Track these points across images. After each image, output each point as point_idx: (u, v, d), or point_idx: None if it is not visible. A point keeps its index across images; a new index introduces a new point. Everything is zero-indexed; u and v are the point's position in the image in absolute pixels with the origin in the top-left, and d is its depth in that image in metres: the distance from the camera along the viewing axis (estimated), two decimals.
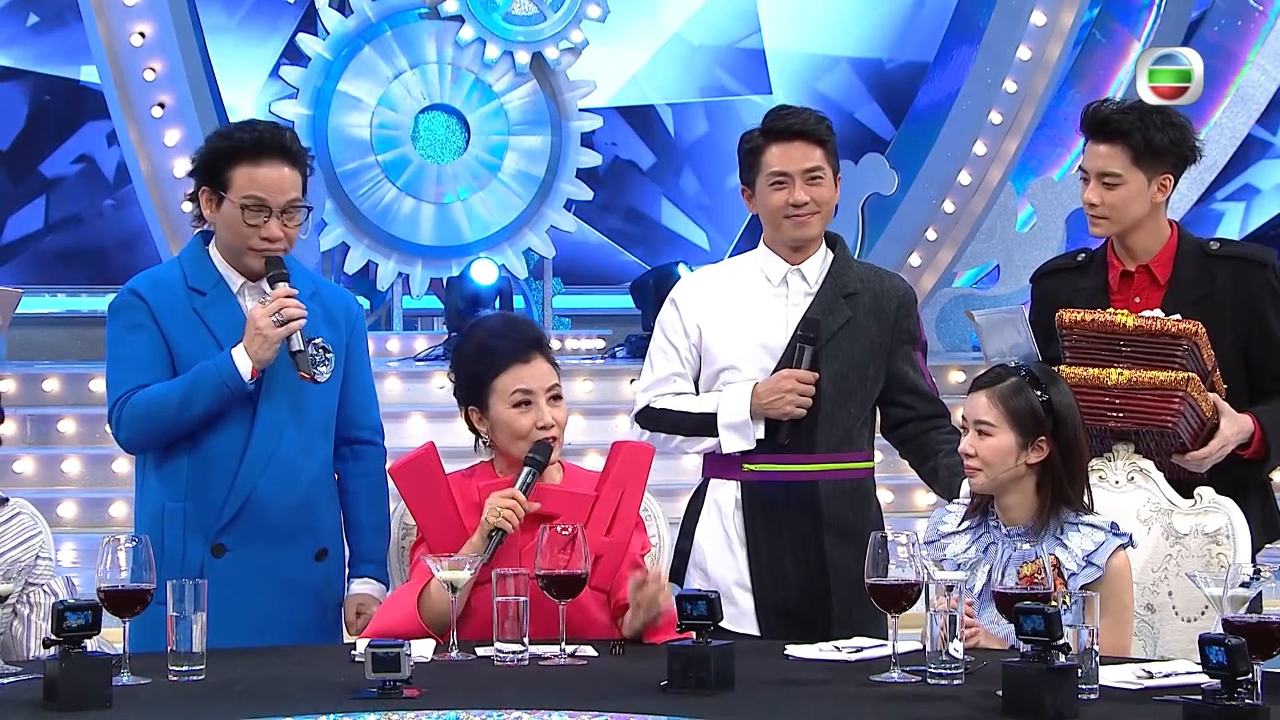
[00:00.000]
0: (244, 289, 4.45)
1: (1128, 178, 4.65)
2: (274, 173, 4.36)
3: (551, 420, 4.33)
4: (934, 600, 3.64)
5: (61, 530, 9.96)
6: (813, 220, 4.74)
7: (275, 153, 4.37)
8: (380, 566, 4.54)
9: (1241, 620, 3.38)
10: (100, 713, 3.44)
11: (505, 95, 13.35)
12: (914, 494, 10.61)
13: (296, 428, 4.42)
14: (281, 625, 4.35)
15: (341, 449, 4.56)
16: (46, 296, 14.99)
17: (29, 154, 15.62)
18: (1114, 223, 4.69)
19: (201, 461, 4.39)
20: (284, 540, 4.40)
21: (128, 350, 4.41)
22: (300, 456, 4.43)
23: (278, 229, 4.37)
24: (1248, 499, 4.60)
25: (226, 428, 4.37)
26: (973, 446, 4.19)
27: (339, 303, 4.56)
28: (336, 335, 4.48)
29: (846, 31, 16.24)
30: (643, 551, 4.40)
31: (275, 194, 4.36)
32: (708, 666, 3.60)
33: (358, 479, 4.56)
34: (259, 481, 4.38)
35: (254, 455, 4.37)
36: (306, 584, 4.45)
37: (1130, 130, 4.65)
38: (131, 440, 4.42)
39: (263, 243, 4.37)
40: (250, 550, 4.36)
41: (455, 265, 13.12)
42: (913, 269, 13.74)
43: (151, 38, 12.47)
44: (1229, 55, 15.64)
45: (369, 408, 4.60)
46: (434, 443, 4.39)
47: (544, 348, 4.42)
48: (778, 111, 4.80)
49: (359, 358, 4.59)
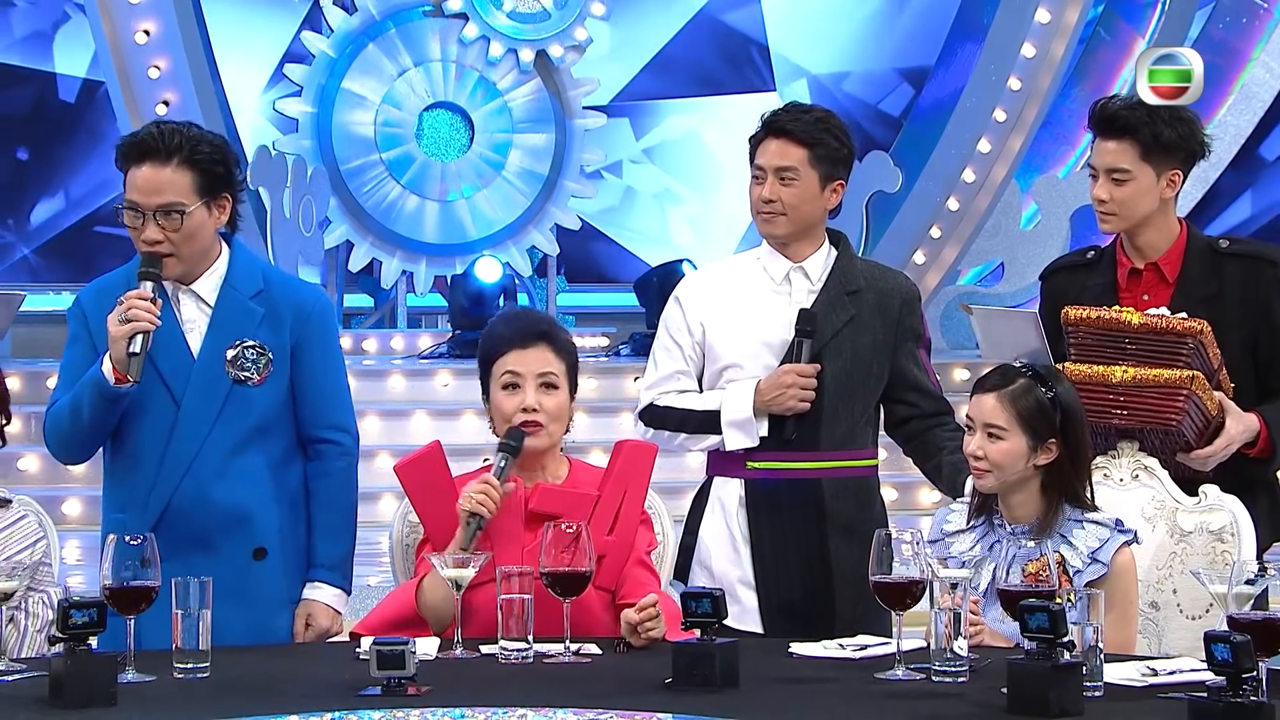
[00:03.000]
0: (178, 293, 4.39)
1: (1136, 173, 4.65)
2: (146, 175, 4.31)
3: (535, 404, 4.31)
4: (938, 598, 3.64)
5: (66, 528, 9.95)
6: (777, 220, 4.73)
7: (148, 155, 4.32)
8: (335, 570, 4.44)
9: (1246, 617, 3.38)
10: (105, 710, 3.44)
11: (509, 93, 13.36)
12: (918, 491, 10.61)
13: (223, 431, 4.34)
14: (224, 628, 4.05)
15: (308, 448, 4.49)
16: (50, 294, 14.99)
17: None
18: (1123, 219, 4.69)
19: (128, 472, 4.37)
20: (215, 545, 4.33)
21: (64, 362, 4.43)
22: (228, 458, 4.34)
23: (155, 232, 4.30)
24: (1254, 497, 4.59)
25: (148, 438, 4.34)
26: (982, 449, 4.17)
27: (288, 301, 4.45)
28: (278, 336, 4.41)
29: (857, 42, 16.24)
30: (649, 549, 4.39)
31: (147, 196, 4.30)
32: (712, 664, 3.60)
33: (314, 479, 4.47)
34: (180, 486, 4.32)
35: (172, 464, 4.32)
36: (243, 586, 4.31)
37: (1139, 126, 4.65)
38: (53, 450, 4.43)
39: (144, 246, 4.32)
40: (179, 559, 4.19)
41: (459, 263, 13.12)
42: (917, 266, 13.74)
43: (156, 36, 12.48)
44: (1233, 53, 15.63)
45: (329, 407, 4.49)
46: (440, 441, 4.38)
47: (551, 339, 4.39)
48: (782, 106, 4.81)
49: (317, 355, 4.46)
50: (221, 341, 4.37)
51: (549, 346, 4.37)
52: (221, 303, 4.40)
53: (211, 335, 4.38)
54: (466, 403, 11.45)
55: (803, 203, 4.71)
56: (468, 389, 11.77)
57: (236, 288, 4.41)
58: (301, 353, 4.45)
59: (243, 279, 4.42)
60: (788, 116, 4.74)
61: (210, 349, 4.37)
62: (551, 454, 4.39)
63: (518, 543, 4.23)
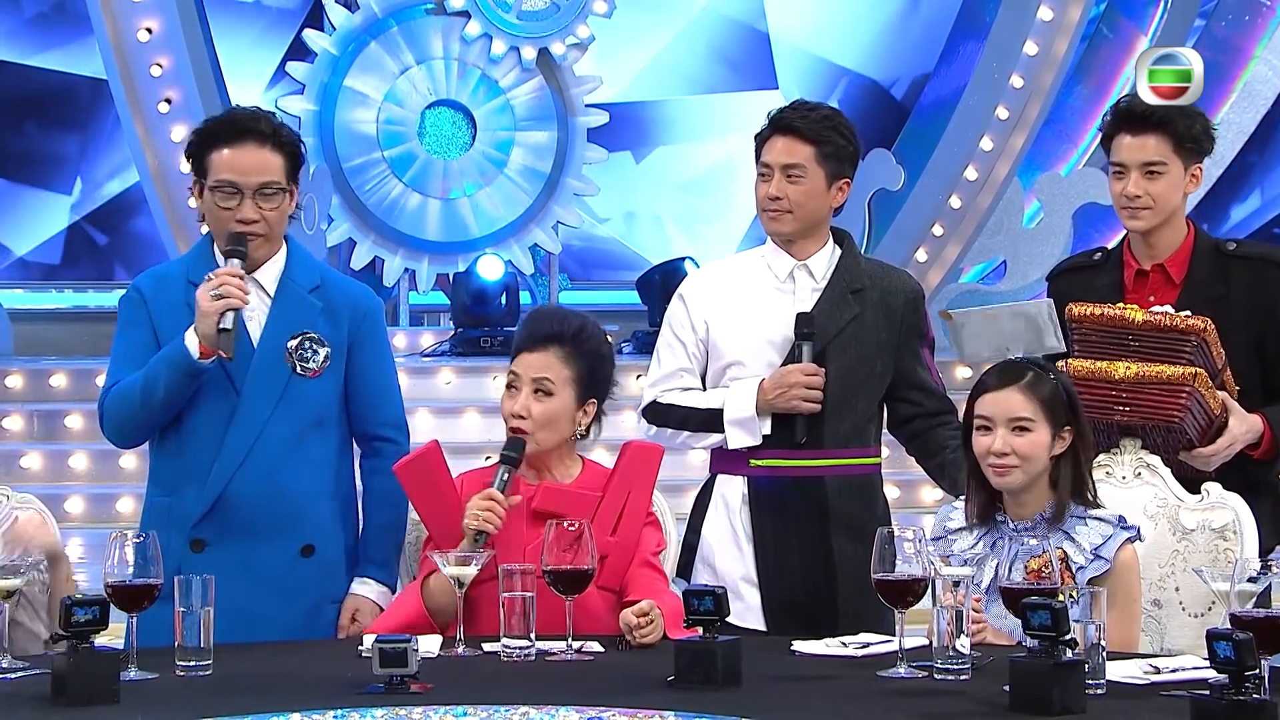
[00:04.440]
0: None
1: (1171, 166, 4.67)
2: (246, 155, 4.35)
3: (523, 410, 4.29)
4: (941, 596, 3.64)
5: (68, 525, 9.96)
6: (783, 218, 4.73)
7: (248, 135, 4.36)
8: (384, 568, 4.47)
9: (1249, 615, 3.39)
10: (108, 707, 3.44)
11: (511, 91, 13.36)
12: (921, 490, 10.61)
13: (282, 423, 4.38)
14: (264, 623, 4.26)
15: (363, 445, 4.53)
16: (54, 293, 15.01)
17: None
18: (1157, 213, 4.69)
19: (181, 456, 4.37)
20: (263, 536, 4.35)
21: (119, 348, 4.42)
22: (285, 451, 4.38)
23: (252, 211, 4.35)
24: (1258, 499, 4.58)
25: (205, 422, 4.35)
26: (1008, 445, 4.16)
27: (345, 298, 4.51)
28: (336, 331, 4.45)
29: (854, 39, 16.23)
30: (657, 550, 4.38)
31: (247, 175, 4.34)
32: (714, 662, 3.60)
33: (371, 476, 4.52)
34: (235, 475, 4.34)
35: (230, 449, 4.34)
36: (289, 581, 4.37)
37: (1174, 118, 4.69)
38: (111, 433, 4.42)
39: (239, 225, 4.36)
40: (228, 545, 4.31)
41: (461, 261, 13.12)
42: (919, 264, 13.74)
43: (158, 33, 12.49)
44: (1236, 51, 15.62)
45: (386, 404, 4.54)
46: (438, 440, 4.37)
47: (560, 341, 4.35)
48: (789, 104, 4.81)
49: (370, 353, 4.51)
50: (282, 331, 4.40)
51: (556, 350, 4.34)
52: (282, 293, 4.43)
53: (272, 324, 4.41)
54: (468, 401, 11.47)
55: (809, 200, 4.71)
56: (470, 387, 11.79)
57: (296, 280, 4.44)
58: (357, 351, 4.48)
59: (301, 272, 4.46)
60: (795, 114, 4.74)
61: (271, 338, 4.39)
62: (559, 454, 4.38)
63: (520, 541, 4.23)
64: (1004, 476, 4.18)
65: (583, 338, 4.38)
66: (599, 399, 4.37)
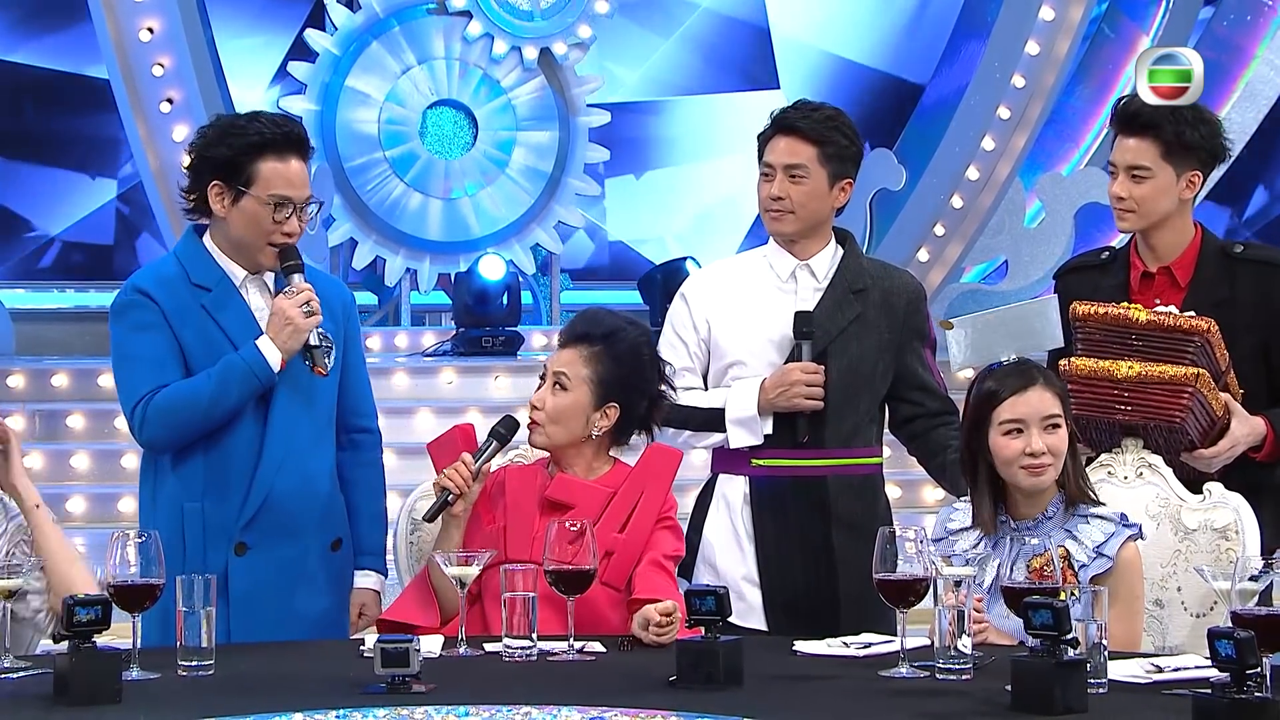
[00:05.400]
0: (246, 283, 4.45)
1: (1157, 171, 4.65)
2: (298, 169, 4.38)
3: (538, 401, 4.37)
4: (942, 595, 3.64)
5: (70, 525, 9.96)
6: (785, 218, 4.73)
7: (297, 148, 4.39)
8: (378, 557, 4.57)
9: (1251, 614, 3.39)
10: (110, 707, 3.44)
11: (513, 90, 13.35)
12: (922, 489, 10.61)
13: (308, 422, 4.45)
14: (303, 618, 4.39)
15: (340, 438, 4.57)
16: (55, 292, 15.01)
17: None
18: (1141, 217, 4.68)
19: (218, 460, 4.39)
20: (303, 534, 4.43)
21: (142, 350, 4.40)
22: (312, 450, 4.45)
23: (297, 224, 4.39)
24: (1261, 501, 4.57)
25: (241, 425, 4.38)
26: (1045, 443, 4.16)
27: (334, 293, 4.55)
28: (335, 326, 4.48)
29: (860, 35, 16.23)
30: (674, 555, 4.37)
31: (300, 190, 4.38)
32: (716, 662, 3.60)
33: (357, 468, 4.58)
34: (277, 478, 4.39)
35: (271, 452, 4.39)
36: (324, 575, 4.47)
37: (1162, 124, 4.66)
38: (158, 439, 4.40)
39: (282, 237, 4.38)
40: (272, 546, 4.38)
41: (463, 261, 13.11)
42: (920, 264, 13.72)
43: (160, 33, 12.48)
44: (1238, 50, 15.61)
45: (366, 396, 4.63)
46: (472, 424, 4.42)
47: (589, 340, 4.37)
48: (792, 104, 4.81)
49: (355, 348, 4.60)
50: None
51: (583, 348, 4.37)
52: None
53: None
54: (470, 401, 11.46)
55: (811, 200, 4.71)
56: (471, 387, 11.78)
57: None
58: (347, 345, 4.55)
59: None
60: (797, 114, 4.75)
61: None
62: (578, 451, 4.37)
63: (530, 527, 4.29)
64: (1040, 475, 4.17)
65: (614, 340, 4.38)
66: (623, 404, 4.36)
